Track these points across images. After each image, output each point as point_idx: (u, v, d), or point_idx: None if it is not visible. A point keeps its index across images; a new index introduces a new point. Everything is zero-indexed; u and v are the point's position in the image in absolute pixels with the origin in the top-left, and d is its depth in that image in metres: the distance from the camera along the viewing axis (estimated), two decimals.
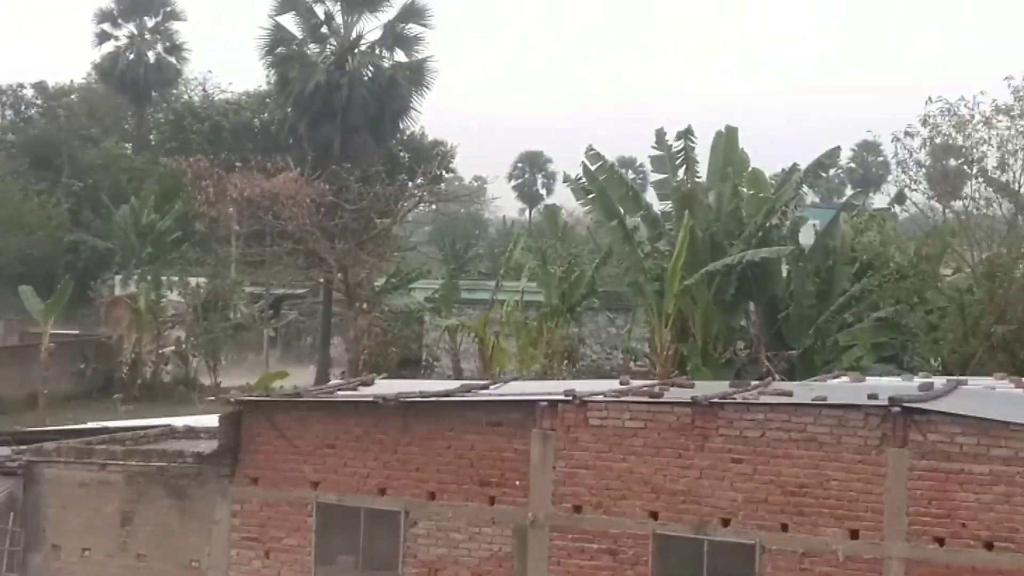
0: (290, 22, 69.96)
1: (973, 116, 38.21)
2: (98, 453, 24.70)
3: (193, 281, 58.85)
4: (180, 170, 59.60)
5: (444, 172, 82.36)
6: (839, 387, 24.19)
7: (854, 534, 19.45)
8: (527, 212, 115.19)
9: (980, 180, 39.70)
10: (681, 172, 40.49)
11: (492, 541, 21.11)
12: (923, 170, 41.69)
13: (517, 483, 21.02)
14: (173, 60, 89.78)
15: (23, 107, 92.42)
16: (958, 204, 41.38)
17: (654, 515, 20.31)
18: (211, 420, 24.47)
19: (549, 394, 21.95)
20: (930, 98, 38.16)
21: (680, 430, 20.41)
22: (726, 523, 20.01)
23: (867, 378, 27.41)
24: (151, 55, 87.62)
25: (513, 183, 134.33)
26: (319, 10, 70.61)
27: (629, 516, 20.47)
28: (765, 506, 19.88)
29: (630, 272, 40.64)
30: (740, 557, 19.95)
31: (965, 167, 39.97)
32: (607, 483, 20.59)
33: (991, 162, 38.99)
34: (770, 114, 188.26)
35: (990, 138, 38.13)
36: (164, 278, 58.29)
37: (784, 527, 19.77)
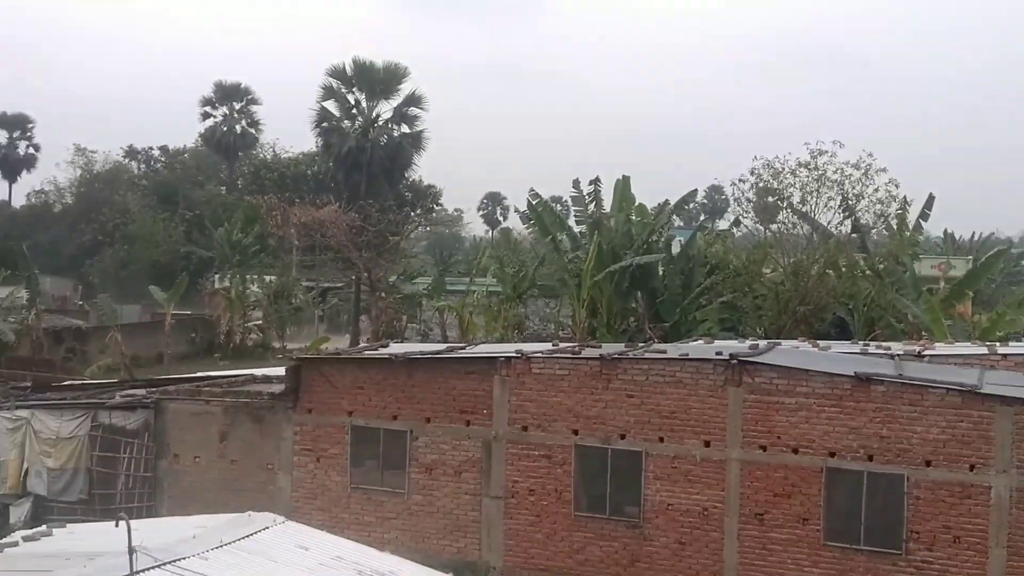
0: (331, 105, 71.03)
1: (784, 168, 39.35)
2: (204, 393, 24.78)
3: (267, 278, 59.48)
4: (257, 204, 60.42)
5: (434, 206, 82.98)
6: (697, 347, 24.43)
7: (707, 444, 19.72)
8: (490, 232, 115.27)
9: (788, 211, 40.48)
10: (592, 206, 41.11)
11: (468, 450, 21.26)
12: (751, 204, 42.72)
13: (484, 411, 21.22)
14: (252, 131, 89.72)
15: (152, 162, 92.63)
16: (774, 227, 42.22)
17: (575, 432, 20.52)
18: (279, 371, 24.56)
19: (505, 353, 22.20)
20: (755, 156, 39.11)
21: (592, 376, 20.65)
22: (623, 437, 20.23)
23: (715, 342, 27.71)
24: (238, 128, 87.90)
25: (480, 213, 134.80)
26: (350, 98, 71.48)
27: (558, 433, 20.66)
28: (648, 426, 20.07)
29: (558, 272, 41.03)
30: (632, 459, 20.15)
31: (778, 202, 40.82)
32: (544, 411, 20.76)
33: (795, 199, 39.78)
34: (652, 159, 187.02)
35: (795, 183, 39.02)
36: (247, 276, 58.72)
37: (661, 439, 20.01)
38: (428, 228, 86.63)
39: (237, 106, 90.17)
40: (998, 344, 28.18)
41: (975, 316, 38.34)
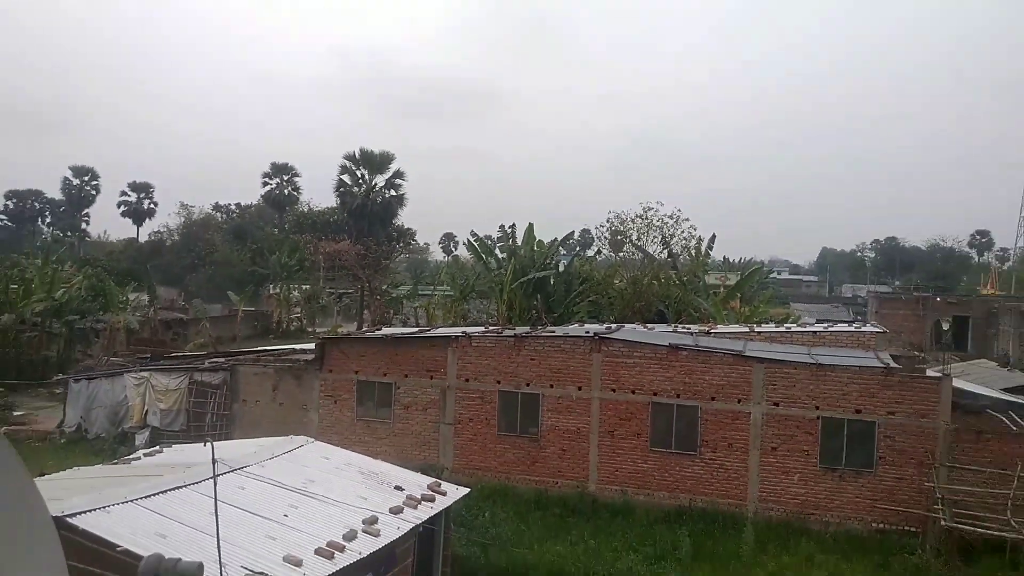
0: (346, 177, 71.59)
1: (627, 218, 40.64)
2: (262, 360, 24.52)
3: (304, 287, 58.96)
4: (298, 240, 60.48)
5: (411, 241, 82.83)
6: (574, 329, 24.71)
7: (580, 388, 19.97)
8: (446, 257, 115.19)
9: (629, 244, 41.47)
10: (509, 241, 41.52)
11: (431, 394, 21.24)
12: (606, 240, 43.79)
13: (442, 370, 21.28)
14: (296, 193, 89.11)
15: (231, 213, 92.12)
16: (620, 254, 43.06)
17: (498, 382, 20.64)
18: (311, 346, 24.32)
19: (455, 333, 22.28)
20: (609, 210, 40.58)
21: (509, 347, 20.73)
22: (528, 384, 20.40)
23: (585, 325, 28.08)
24: (286, 191, 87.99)
25: (440, 244, 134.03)
26: (357, 173, 71.79)
27: (488, 383, 20.79)
28: (544, 378, 20.20)
29: (488, 283, 41.02)
30: (533, 399, 20.26)
31: (622, 239, 41.87)
32: (479, 369, 20.85)
33: (634, 236, 40.76)
34: (548, 210, 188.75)
35: (633, 227, 40.13)
36: (291, 286, 58.11)
37: (551, 386, 20.23)
38: (407, 255, 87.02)
39: (286, 177, 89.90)
40: (754, 326, 29.12)
41: (741, 308, 39.38)
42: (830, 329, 28.70)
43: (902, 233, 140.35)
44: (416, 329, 27.86)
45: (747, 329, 27.01)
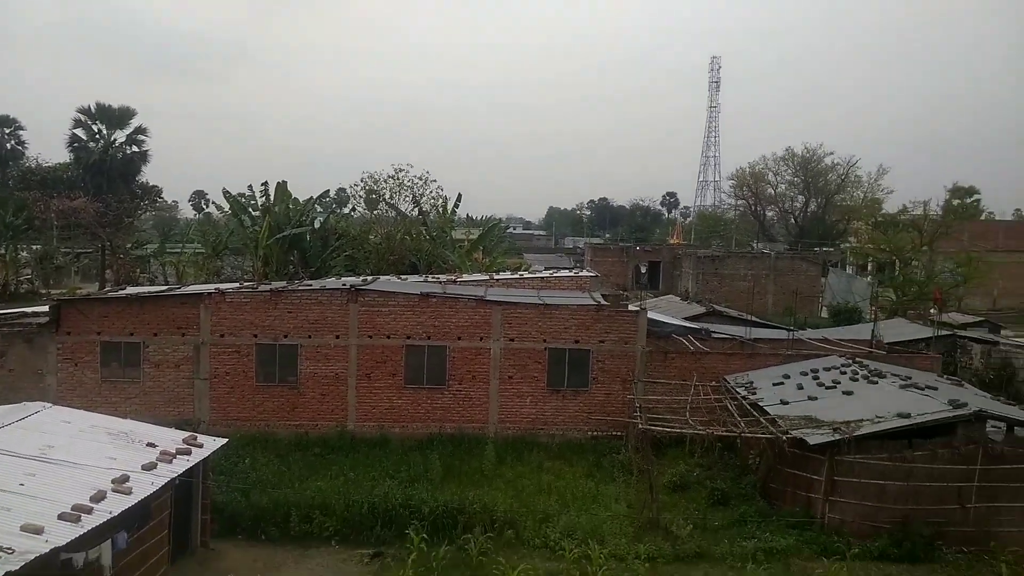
0: (80, 132, 62.94)
1: (380, 178, 40.16)
2: None
3: (34, 247, 50.26)
4: (27, 197, 50.77)
5: (157, 198, 74.34)
6: (331, 282, 24.05)
7: (337, 336, 19.67)
8: (198, 215, 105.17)
9: (383, 203, 41.09)
10: (263, 199, 38.93)
11: (184, 351, 19.53)
12: (361, 199, 42.98)
13: (195, 327, 19.64)
14: (20, 147, 75.15)
15: None
16: (376, 212, 42.48)
17: (255, 335, 19.61)
18: (45, 308, 21.04)
19: (207, 290, 20.63)
20: (364, 171, 39.62)
21: (266, 301, 19.63)
22: (286, 336, 19.57)
23: (343, 278, 27.47)
24: (8, 145, 74.00)
25: (190, 202, 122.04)
26: (94, 128, 63.59)
27: (244, 337, 19.64)
28: (301, 329, 19.48)
29: (242, 239, 38.26)
30: (291, 349, 19.49)
31: (376, 198, 41.32)
32: (234, 324, 19.57)
33: (387, 196, 40.47)
34: (302, 170, 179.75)
35: (386, 186, 39.91)
36: (18, 247, 49.19)
37: (310, 336, 19.63)
38: (153, 213, 78.11)
39: (7, 130, 75.16)
40: (494, 274, 30.47)
41: (483, 260, 40.92)
42: (555, 275, 30.83)
43: (612, 195, 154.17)
44: (165, 287, 25.37)
45: (488, 277, 28.14)
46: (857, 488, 13.61)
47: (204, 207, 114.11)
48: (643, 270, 59.46)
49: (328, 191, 46.44)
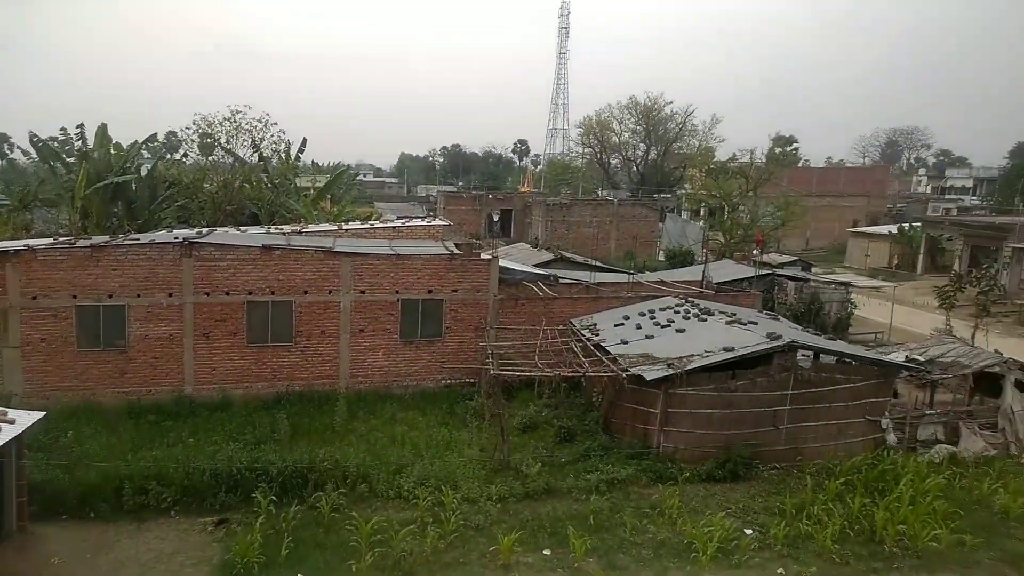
0: None
1: (215, 121, 37.14)
2: None
3: None
4: None
5: None
6: (161, 235, 21.92)
7: (170, 295, 18.30)
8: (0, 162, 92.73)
9: (219, 147, 38.15)
10: (79, 144, 34.93)
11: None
12: (195, 143, 39.49)
13: (1, 288, 17.57)
14: None
15: None
16: (211, 157, 39.31)
17: (75, 296, 17.78)
18: None
19: (14, 247, 18.23)
20: (196, 112, 36.45)
21: (86, 258, 17.76)
22: (111, 296, 17.94)
23: (175, 231, 25.34)
24: None
25: None
26: None
27: (62, 298, 17.69)
28: (129, 288, 17.92)
29: (56, 189, 33.97)
30: (118, 311, 17.84)
31: (212, 142, 38.33)
32: (49, 284, 17.51)
33: (223, 140, 37.60)
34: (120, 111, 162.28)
35: (222, 130, 37.05)
36: None
37: (139, 295, 18.09)
38: None
39: None
40: (342, 224, 29.52)
41: (331, 208, 39.49)
42: (407, 224, 30.38)
43: (464, 141, 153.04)
44: None
45: (336, 227, 27.21)
46: (687, 418, 14.74)
47: (7, 152, 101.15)
48: (496, 218, 60.00)
49: (156, 134, 42.00)
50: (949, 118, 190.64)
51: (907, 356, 16.92)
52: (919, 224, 48.74)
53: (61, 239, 21.40)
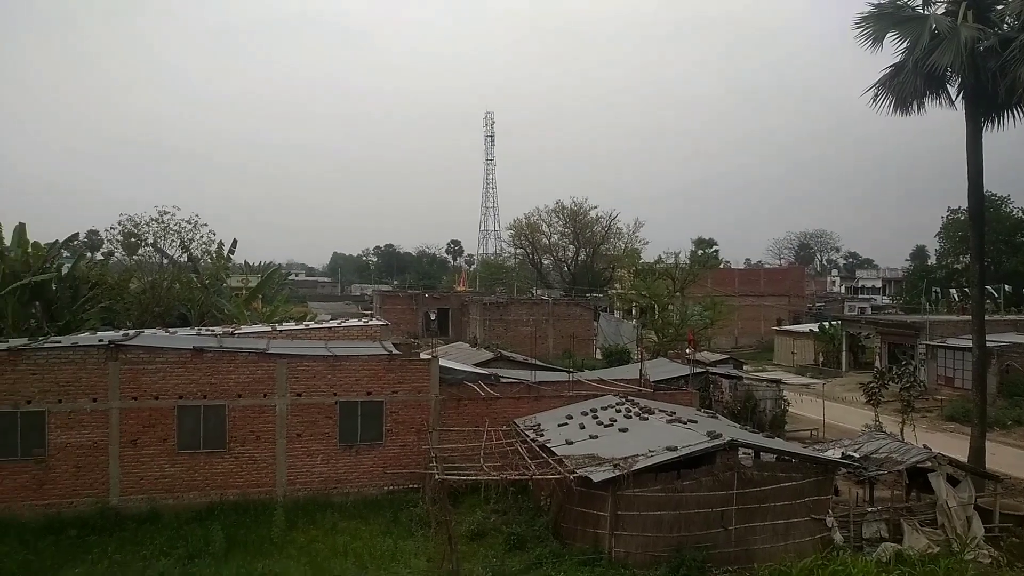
0: None
1: (141, 221, 36.90)
2: None
3: None
4: None
5: None
6: (84, 337, 21.37)
7: (95, 400, 17.47)
8: None
9: (146, 247, 37.73)
10: None
11: None
12: (119, 243, 38.89)
13: None
14: None
15: None
16: (136, 257, 38.63)
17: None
18: None
19: None
20: (122, 213, 35.95)
21: (2, 362, 16.98)
22: (29, 402, 16.98)
23: (99, 333, 24.48)
24: None
25: None
26: None
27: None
28: (52, 393, 17.12)
29: None
30: (39, 418, 16.99)
31: (137, 241, 37.93)
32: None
33: (150, 240, 37.25)
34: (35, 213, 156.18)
35: (149, 230, 36.89)
36: None
37: (60, 400, 17.21)
38: None
39: None
40: (276, 324, 29.07)
41: (263, 309, 38.86)
42: (343, 324, 30.13)
43: (397, 240, 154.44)
44: None
45: (270, 328, 26.75)
46: (637, 520, 14.71)
47: None
48: (433, 317, 60.11)
49: (77, 234, 41.04)
50: (853, 222, 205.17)
51: (843, 452, 17.48)
52: (839, 322, 51.33)
53: None
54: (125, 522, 16.22)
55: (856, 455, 17.36)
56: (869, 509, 16.35)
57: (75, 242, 41.62)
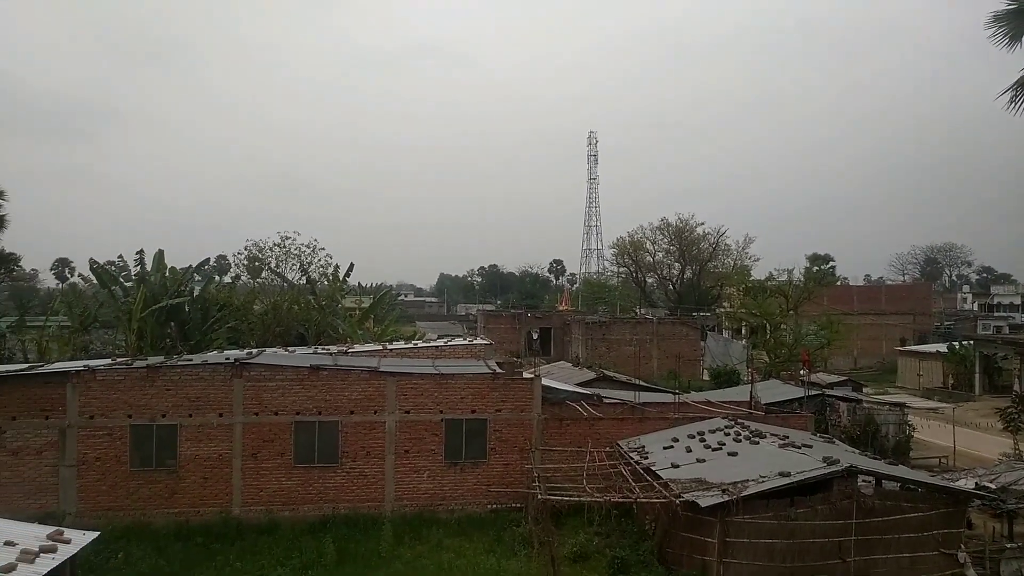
0: None
1: (264, 246, 39.37)
2: None
3: None
4: None
5: (14, 267, 68.26)
6: (213, 356, 22.69)
7: (221, 415, 18.64)
8: (61, 285, 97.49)
9: (269, 271, 40.12)
10: (137, 268, 36.76)
11: (47, 436, 17.85)
12: (245, 267, 41.64)
13: (60, 408, 17.98)
14: None
15: None
16: (260, 280, 41.16)
17: (129, 416, 18.20)
18: None
19: (75, 367, 18.99)
20: (248, 239, 38.58)
21: (142, 379, 18.41)
22: (164, 416, 18.37)
23: (225, 352, 26.15)
24: None
25: (52, 271, 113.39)
26: None
27: (117, 418, 18.13)
28: (182, 408, 18.40)
29: (114, 312, 35.57)
30: (170, 430, 18.36)
31: (261, 265, 40.40)
32: (106, 404, 18.10)
33: (272, 264, 39.68)
34: (176, 239, 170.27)
35: (271, 255, 39.31)
36: None
37: (191, 415, 18.48)
38: (10, 282, 71.42)
39: None
40: (387, 343, 30.03)
41: (375, 329, 40.30)
42: (449, 343, 30.77)
43: (501, 261, 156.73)
44: (26, 365, 23.22)
45: (380, 347, 27.70)
46: (748, 548, 14.11)
47: (68, 276, 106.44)
48: (535, 336, 60.35)
49: (208, 259, 44.38)
50: (984, 235, 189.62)
51: (977, 483, 16.14)
52: (971, 342, 47.52)
53: (118, 360, 22.18)
54: (246, 532, 17.15)
55: (992, 485, 15.95)
56: (1008, 545, 14.97)
57: (206, 266, 44.91)
